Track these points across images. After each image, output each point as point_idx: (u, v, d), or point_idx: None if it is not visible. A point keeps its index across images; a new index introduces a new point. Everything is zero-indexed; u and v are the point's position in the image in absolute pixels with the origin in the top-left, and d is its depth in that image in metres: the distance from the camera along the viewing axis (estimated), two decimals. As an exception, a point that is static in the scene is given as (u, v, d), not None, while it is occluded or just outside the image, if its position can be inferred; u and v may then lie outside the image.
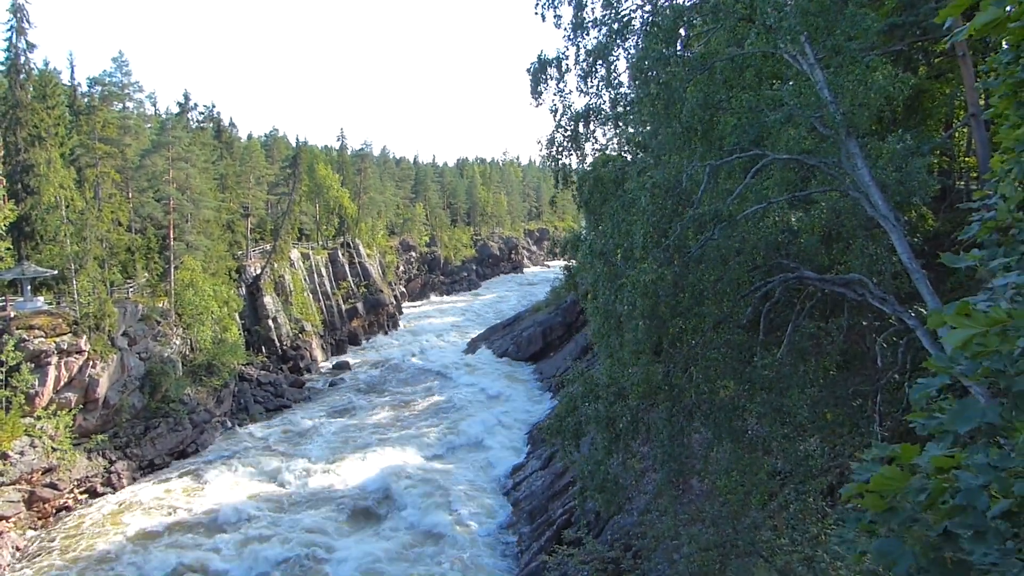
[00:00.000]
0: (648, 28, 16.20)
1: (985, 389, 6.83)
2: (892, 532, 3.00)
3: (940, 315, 3.19)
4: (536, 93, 18.19)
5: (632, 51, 16.84)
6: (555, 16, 18.80)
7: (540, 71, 18.07)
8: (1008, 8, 3.64)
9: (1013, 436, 3.03)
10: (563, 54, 18.06)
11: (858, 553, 3.14)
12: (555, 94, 18.39)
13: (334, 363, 69.33)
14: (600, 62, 17.16)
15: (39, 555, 31.46)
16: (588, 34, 17.86)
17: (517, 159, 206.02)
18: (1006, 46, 6.77)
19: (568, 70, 18.08)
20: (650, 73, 14.41)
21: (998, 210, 5.10)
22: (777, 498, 15.02)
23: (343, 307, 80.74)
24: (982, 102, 15.06)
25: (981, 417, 2.98)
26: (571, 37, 17.89)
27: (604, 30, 17.37)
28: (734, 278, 13.22)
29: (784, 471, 14.61)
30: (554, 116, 18.56)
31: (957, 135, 22.02)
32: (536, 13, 18.47)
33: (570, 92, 18.66)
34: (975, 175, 20.39)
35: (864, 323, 14.67)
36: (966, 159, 22.37)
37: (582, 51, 17.92)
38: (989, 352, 3.00)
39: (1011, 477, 2.87)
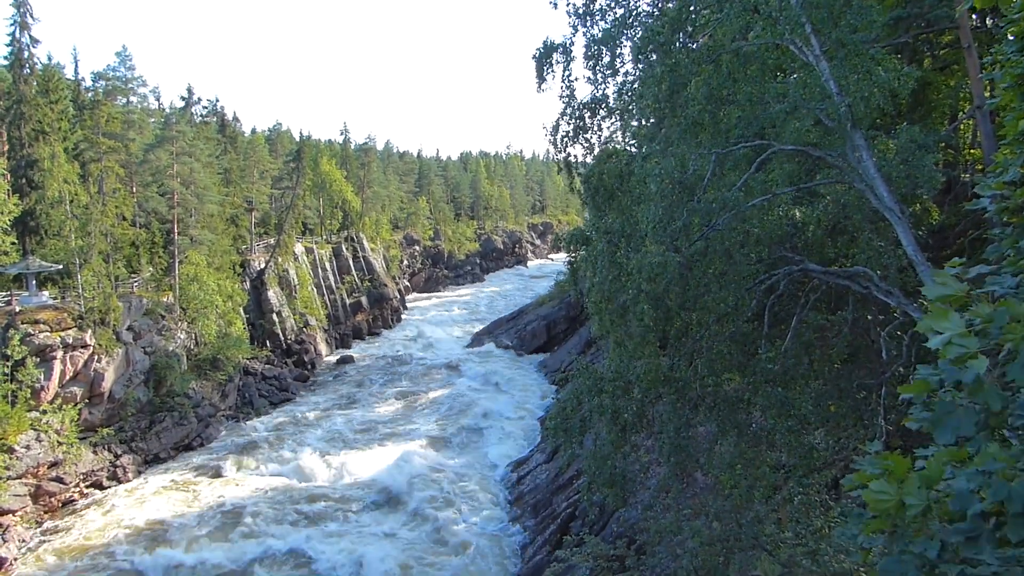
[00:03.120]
0: (654, 17, 16.12)
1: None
2: (894, 552, 3.02)
3: (927, 323, 3.20)
4: (541, 79, 18.06)
5: (637, 41, 16.76)
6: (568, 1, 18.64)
7: (545, 56, 17.94)
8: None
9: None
10: (570, 40, 17.94)
11: (864, 550, 3.17)
12: (561, 81, 18.26)
13: (338, 357, 69.42)
14: (605, 50, 17.06)
15: (45, 548, 31.60)
16: (595, 22, 17.73)
17: (520, 153, 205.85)
18: (1012, 37, 6.73)
19: (574, 58, 17.96)
20: (652, 56, 14.34)
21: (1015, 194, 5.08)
22: (781, 492, 15.02)
23: (347, 301, 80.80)
24: (987, 94, 15.00)
25: (957, 428, 3.02)
26: (574, 25, 17.78)
27: (611, 17, 17.27)
28: (739, 271, 13.19)
29: (788, 464, 14.60)
30: (563, 101, 18.42)
31: (962, 128, 21.96)
32: (550, 1, 18.33)
33: (576, 80, 18.45)
34: (980, 168, 20.32)
35: (869, 316, 14.64)
36: (971, 152, 22.30)
37: (588, 38, 17.81)
38: (968, 357, 3.01)
39: (1002, 479, 2.88)
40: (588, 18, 17.59)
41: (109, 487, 37.82)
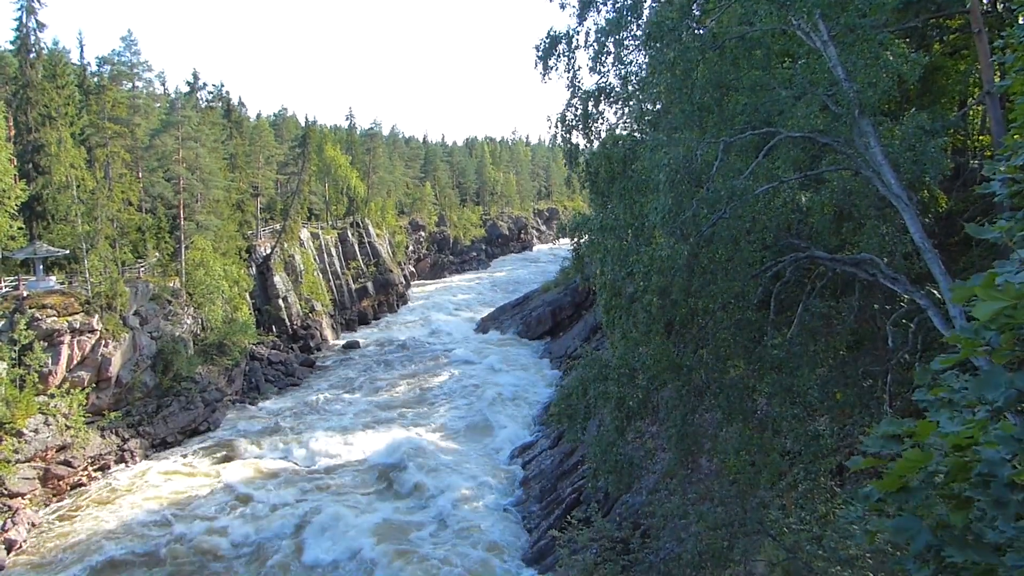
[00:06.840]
0: (660, 3, 16.03)
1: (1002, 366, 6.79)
2: (903, 512, 2.97)
3: (966, 289, 3.09)
4: (546, 68, 17.99)
5: (643, 30, 16.66)
6: None
7: (550, 47, 17.86)
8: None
9: None
10: (574, 31, 17.86)
11: (869, 532, 3.13)
12: (566, 71, 18.19)
13: (344, 342, 69.56)
14: (610, 40, 16.97)
15: (54, 531, 31.89)
16: (598, 11, 17.65)
17: (526, 138, 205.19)
18: (1022, 20, 6.66)
19: (578, 47, 17.88)
20: (661, 44, 14.26)
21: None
22: (786, 478, 15.03)
23: (353, 287, 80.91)
24: (997, 79, 14.86)
25: (1010, 384, 2.90)
26: (580, 14, 17.69)
27: (616, 5, 17.16)
28: (745, 258, 13.15)
29: (793, 451, 14.61)
30: (568, 90, 18.37)
31: (971, 113, 21.76)
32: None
33: (580, 69, 18.38)
34: (989, 154, 20.17)
35: (875, 304, 14.59)
36: (980, 137, 22.12)
37: (592, 29, 17.73)
38: (1018, 324, 2.92)
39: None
40: (591, 6, 17.50)
41: (116, 471, 38.10)
